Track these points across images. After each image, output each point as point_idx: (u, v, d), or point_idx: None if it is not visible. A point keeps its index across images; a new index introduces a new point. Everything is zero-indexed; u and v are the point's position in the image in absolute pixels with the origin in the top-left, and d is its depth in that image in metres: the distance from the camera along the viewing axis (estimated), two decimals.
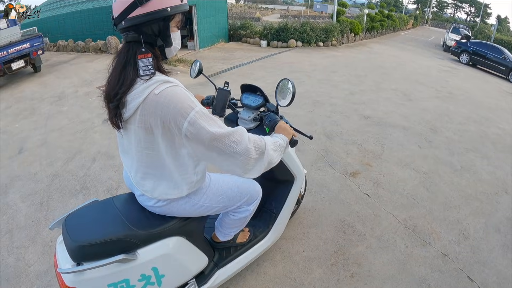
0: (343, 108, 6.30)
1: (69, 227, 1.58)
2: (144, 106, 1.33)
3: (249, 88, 2.22)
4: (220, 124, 1.42)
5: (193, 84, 7.20)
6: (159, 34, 1.41)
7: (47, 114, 6.08)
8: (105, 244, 1.50)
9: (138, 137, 1.43)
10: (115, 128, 1.47)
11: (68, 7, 13.54)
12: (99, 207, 1.76)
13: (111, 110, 1.40)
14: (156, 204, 1.61)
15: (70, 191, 3.62)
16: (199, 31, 13.57)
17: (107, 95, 1.40)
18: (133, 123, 1.39)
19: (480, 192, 3.90)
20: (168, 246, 1.67)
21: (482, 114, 7.27)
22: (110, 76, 1.41)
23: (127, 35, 1.38)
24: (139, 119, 1.36)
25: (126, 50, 1.38)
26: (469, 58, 16.46)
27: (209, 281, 2.01)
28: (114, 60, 1.42)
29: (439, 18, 55.26)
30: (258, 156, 1.51)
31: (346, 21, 17.51)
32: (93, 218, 1.68)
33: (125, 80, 1.35)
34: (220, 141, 1.39)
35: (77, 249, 1.48)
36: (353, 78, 9.09)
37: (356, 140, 4.94)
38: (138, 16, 1.32)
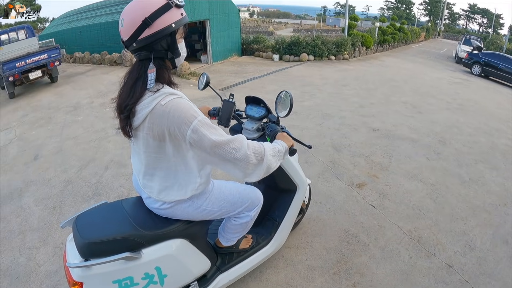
0: (352, 120, 6.34)
1: (79, 226, 1.68)
2: (151, 115, 1.47)
3: (253, 100, 2.32)
4: (221, 132, 1.53)
5: (205, 97, 7.37)
6: (168, 48, 1.53)
7: (62, 123, 6.31)
8: (111, 242, 1.60)
9: (146, 143, 1.56)
10: (126, 137, 1.61)
11: (84, 20, 14.05)
12: (108, 208, 1.87)
13: (122, 120, 1.56)
14: (161, 206, 1.72)
15: (82, 197, 3.75)
16: (212, 45, 13.82)
17: (119, 106, 1.55)
18: (142, 130, 1.53)
19: (488, 203, 3.87)
20: (171, 247, 1.76)
21: (493, 125, 7.20)
22: (122, 90, 1.56)
23: (140, 54, 1.50)
24: (147, 127, 1.50)
25: (139, 67, 1.51)
26: (481, 70, 16.25)
27: (210, 284, 2.07)
28: (126, 76, 1.56)
29: (451, 30, 55.00)
30: (257, 161, 1.61)
31: (358, 34, 17.60)
32: (102, 218, 1.78)
33: (135, 93, 1.48)
34: (221, 148, 1.51)
35: (85, 246, 1.58)
36: (363, 91, 9.13)
37: (364, 152, 4.97)
38: (147, 37, 1.44)
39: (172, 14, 1.47)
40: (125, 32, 1.46)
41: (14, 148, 5.36)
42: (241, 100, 2.44)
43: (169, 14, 1.46)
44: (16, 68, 8.44)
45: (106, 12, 13.66)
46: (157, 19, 1.43)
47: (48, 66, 9.22)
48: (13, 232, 3.24)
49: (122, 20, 1.47)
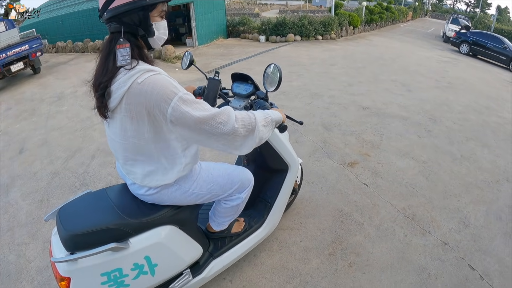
0: (342, 99, 6.23)
1: (62, 218, 1.59)
2: (128, 95, 1.35)
3: (239, 77, 2.20)
4: (205, 107, 1.42)
5: (191, 80, 7.19)
6: (139, 24, 1.41)
7: (47, 114, 6.08)
8: (96, 233, 1.51)
9: (124, 126, 1.43)
10: (101, 118, 1.48)
11: (66, 8, 13.57)
12: (92, 197, 1.76)
13: (98, 99, 1.43)
14: (147, 192, 1.62)
15: (70, 188, 3.63)
16: (197, 28, 13.51)
17: (94, 84, 1.44)
18: (119, 112, 1.40)
19: (480, 180, 3.84)
20: (160, 235, 1.66)
21: (483, 103, 7.19)
22: (96, 67, 1.44)
23: (110, 26, 1.39)
24: (124, 108, 1.37)
25: (110, 40, 1.40)
26: (469, 49, 16.28)
27: (204, 271, 2.00)
28: (100, 51, 1.44)
29: (439, 10, 54.79)
30: (247, 133, 1.51)
31: (345, 14, 17.37)
32: (86, 208, 1.69)
33: (107, 70, 1.37)
34: (207, 123, 1.40)
35: (69, 238, 1.50)
36: (351, 70, 9.00)
37: (355, 131, 4.87)
38: (117, 6, 1.34)
39: None
40: (100, 1, 1.38)
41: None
42: (228, 79, 2.30)
43: None
44: None
45: None
46: None
47: (30, 57, 8.90)
48: (1, 229, 3.09)
49: None
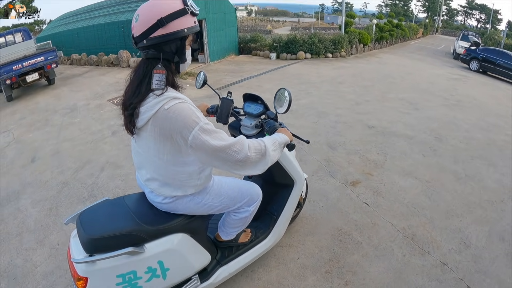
0: (348, 118, 6.29)
1: (83, 222, 1.72)
2: (154, 119, 1.48)
3: (250, 97, 2.35)
4: (222, 136, 1.56)
5: (201, 97, 7.34)
6: (176, 51, 1.56)
7: (59, 125, 6.31)
8: (115, 237, 1.64)
9: (148, 145, 1.58)
10: (129, 134, 1.63)
11: (81, 21, 14.03)
12: (110, 204, 1.90)
13: (126, 117, 1.56)
14: (163, 200, 1.74)
15: (78, 198, 3.75)
16: (209, 44, 13.79)
17: (124, 104, 1.57)
18: (145, 131, 1.55)
19: (484, 200, 3.82)
20: (173, 241, 1.79)
21: (491, 121, 7.13)
22: (128, 88, 1.58)
23: (147, 52, 1.52)
24: (150, 129, 1.52)
25: (145, 66, 1.52)
26: (479, 65, 16.19)
27: (211, 277, 2.11)
28: (132, 74, 1.58)
29: (449, 26, 54.78)
30: (258, 159, 1.65)
31: (355, 31, 17.53)
32: (105, 214, 1.82)
33: (140, 92, 1.50)
34: (223, 152, 1.54)
35: (89, 241, 1.62)
36: (360, 88, 9.07)
37: (359, 150, 4.92)
38: (159, 36, 1.47)
39: (187, 20, 1.53)
40: (138, 28, 1.49)
41: (12, 151, 5.35)
42: (239, 99, 2.41)
43: (184, 19, 1.51)
44: (13, 71, 8.42)
45: (102, 13, 13.65)
46: (172, 21, 1.47)
47: (45, 68, 9.22)
48: (10, 234, 3.25)
49: (137, 16, 1.50)
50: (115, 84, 9.18)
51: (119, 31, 12.24)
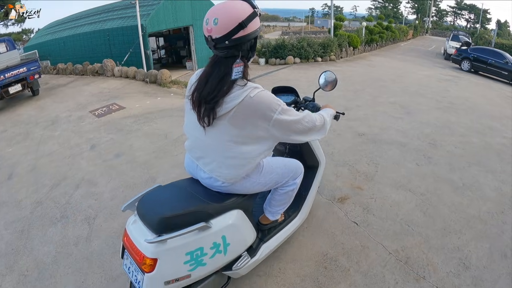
0: (337, 126, 6.01)
1: (147, 205, 1.85)
2: (239, 106, 1.69)
3: (278, 90, 2.78)
4: (295, 113, 1.86)
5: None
6: (250, 48, 1.78)
7: (39, 139, 6.07)
8: (185, 215, 1.76)
9: (224, 131, 1.78)
10: (202, 125, 1.81)
11: (68, 30, 13.91)
12: (167, 189, 2.03)
13: (207, 110, 1.74)
14: (222, 184, 1.95)
15: (50, 220, 3.57)
16: (197, 51, 13.66)
17: (204, 98, 1.73)
18: (224, 119, 1.74)
19: (484, 212, 3.58)
20: (233, 216, 1.98)
21: (486, 124, 6.95)
22: (203, 85, 1.76)
23: (227, 52, 1.70)
24: (232, 116, 1.72)
25: (226, 63, 1.72)
26: (471, 65, 16.22)
27: (257, 254, 2.29)
28: (207, 71, 1.78)
29: (439, 27, 55.36)
30: (321, 127, 2.03)
31: (344, 35, 17.42)
32: (167, 196, 1.95)
33: (223, 87, 1.69)
34: (298, 123, 1.85)
35: (160, 221, 1.71)
36: (350, 93, 8.84)
37: (348, 161, 4.65)
38: (241, 37, 1.66)
39: (257, 21, 1.72)
40: (218, 31, 1.64)
41: None
42: None
43: (256, 20, 1.70)
44: None
45: (88, 21, 13.56)
46: (250, 23, 1.66)
47: (28, 79, 9.00)
48: None
49: (214, 19, 1.63)
50: (98, 94, 8.92)
51: (104, 39, 12.16)
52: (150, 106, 7.60)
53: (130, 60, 11.27)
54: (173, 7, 12.29)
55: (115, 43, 11.94)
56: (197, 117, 1.80)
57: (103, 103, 7.98)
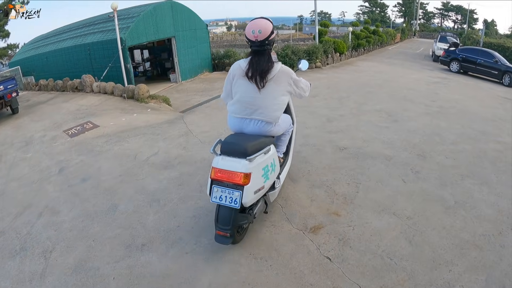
0: (317, 139, 5.60)
1: (230, 146, 2.81)
2: (278, 73, 3.01)
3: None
4: (299, 78, 3.26)
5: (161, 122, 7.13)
6: (272, 45, 3.05)
7: (11, 162, 5.94)
8: (256, 144, 2.82)
9: (271, 89, 3.01)
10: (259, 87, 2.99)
11: (50, 45, 13.66)
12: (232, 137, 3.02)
13: (262, 78, 2.96)
14: (269, 126, 3.11)
15: (10, 252, 3.42)
16: (180, 63, 13.42)
17: (259, 72, 2.95)
18: (271, 81, 3.00)
19: (479, 235, 3.20)
20: (272, 149, 3.06)
21: (478, 128, 6.60)
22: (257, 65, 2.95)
23: (266, 47, 2.96)
24: (274, 79, 3.01)
25: (265, 53, 2.97)
26: (460, 66, 16.09)
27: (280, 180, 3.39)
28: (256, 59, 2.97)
29: (427, 29, 55.74)
30: (308, 88, 3.41)
31: (329, 41, 17.13)
32: (237, 140, 2.92)
33: (269, 64, 2.96)
34: (302, 82, 3.26)
35: (246, 149, 2.70)
36: (334, 101, 8.45)
37: (326, 181, 4.21)
38: (273, 38, 2.97)
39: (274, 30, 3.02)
40: (262, 36, 2.88)
41: None
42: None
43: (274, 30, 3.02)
44: None
45: (70, 36, 13.32)
46: (273, 31, 2.97)
47: (5, 98, 8.77)
48: None
49: (259, 30, 2.87)
50: (75, 112, 8.53)
51: (85, 53, 11.91)
52: (125, 123, 7.22)
53: (111, 75, 10.97)
54: (153, 19, 12.06)
55: (96, 57, 11.67)
56: (255, 84, 2.99)
57: (79, 121, 7.63)
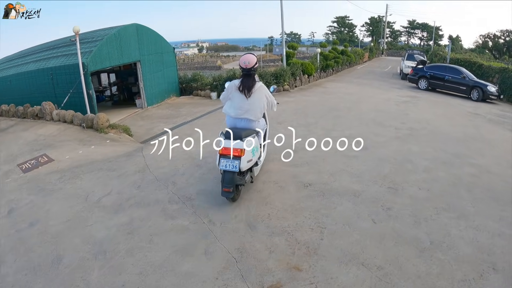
0: (280, 175, 5.23)
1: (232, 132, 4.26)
2: (258, 88, 4.67)
3: None
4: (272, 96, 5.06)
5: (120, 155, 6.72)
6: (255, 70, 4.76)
7: None
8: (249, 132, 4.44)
9: (256, 98, 4.65)
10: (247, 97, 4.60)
11: (14, 68, 13.02)
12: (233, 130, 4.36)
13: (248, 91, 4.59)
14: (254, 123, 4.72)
15: None
16: (146, 88, 13.00)
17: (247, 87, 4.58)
18: (254, 93, 4.63)
19: (458, 281, 2.93)
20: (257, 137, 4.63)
21: (451, 150, 6.45)
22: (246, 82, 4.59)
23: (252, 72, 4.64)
24: (256, 92, 4.64)
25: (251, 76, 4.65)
26: (428, 83, 16.37)
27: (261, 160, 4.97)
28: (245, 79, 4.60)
29: (394, 47, 57.64)
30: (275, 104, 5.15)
31: (297, 63, 17.09)
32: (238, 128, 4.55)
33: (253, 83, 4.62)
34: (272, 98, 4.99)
35: (242, 135, 4.22)
36: (300, 128, 8.15)
37: (287, 227, 3.80)
38: (256, 67, 4.68)
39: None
40: (250, 65, 4.55)
41: None
42: None
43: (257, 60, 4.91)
44: None
45: (34, 59, 12.64)
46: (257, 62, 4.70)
47: None
48: None
49: (248, 61, 4.56)
50: (33, 143, 7.88)
51: (48, 78, 11.31)
52: (81, 157, 6.68)
53: (73, 102, 10.46)
54: (118, 43, 11.66)
55: (59, 82, 11.12)
56: (244, 95, 4.57)
57: (34, 153, 7.04)
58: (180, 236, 3.75)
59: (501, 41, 49.92)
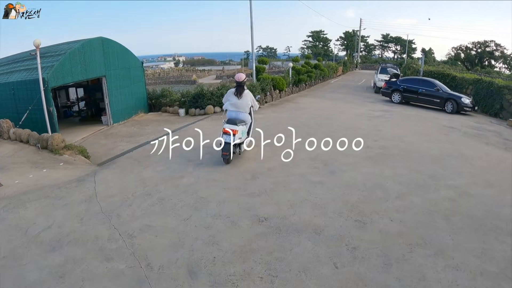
0: (233, 207, 4.65)
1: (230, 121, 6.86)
2: (246, 94, 7.42)
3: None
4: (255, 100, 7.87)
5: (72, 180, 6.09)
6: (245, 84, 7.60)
7: None
8: (242, 121, 7.07)
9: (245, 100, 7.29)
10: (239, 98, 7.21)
11: None
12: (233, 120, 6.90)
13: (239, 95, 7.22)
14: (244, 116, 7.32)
15: None
16: (111, 104, 12.53)
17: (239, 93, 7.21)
18: (243, 96, 7.29)
19: None
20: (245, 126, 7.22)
21: (426, 171, 6.08)
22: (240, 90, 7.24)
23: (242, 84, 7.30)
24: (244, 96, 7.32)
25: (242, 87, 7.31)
26: (401, 97, 16.39)
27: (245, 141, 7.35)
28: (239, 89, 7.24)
29: (368, 60, 58.90)
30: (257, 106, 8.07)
31: (268, 78, 16.74)
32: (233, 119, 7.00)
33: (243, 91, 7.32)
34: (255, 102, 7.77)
35: (236, 122, 6.81)
36: (266, 149, 7.70)
37: (233, 274, 3.21)
38: (245, 81, 7.52)
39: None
40: (241, 80, 7.25)
41: None
42: None
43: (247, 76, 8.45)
44: None
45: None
46: (246, 77, 7.73)
47: None
48: None
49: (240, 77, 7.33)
50: None
51: (10, 93, 10.73)
52: (31, 182, 5.97)
53: (34, 118, 9.90)
54: (82, 57, 11.19)
55: (21, 98, 10.60)
56: (237, 97, 7.19)
57: None
58: (113, 283, 3.18)
59: (473, 52, 51.40)
